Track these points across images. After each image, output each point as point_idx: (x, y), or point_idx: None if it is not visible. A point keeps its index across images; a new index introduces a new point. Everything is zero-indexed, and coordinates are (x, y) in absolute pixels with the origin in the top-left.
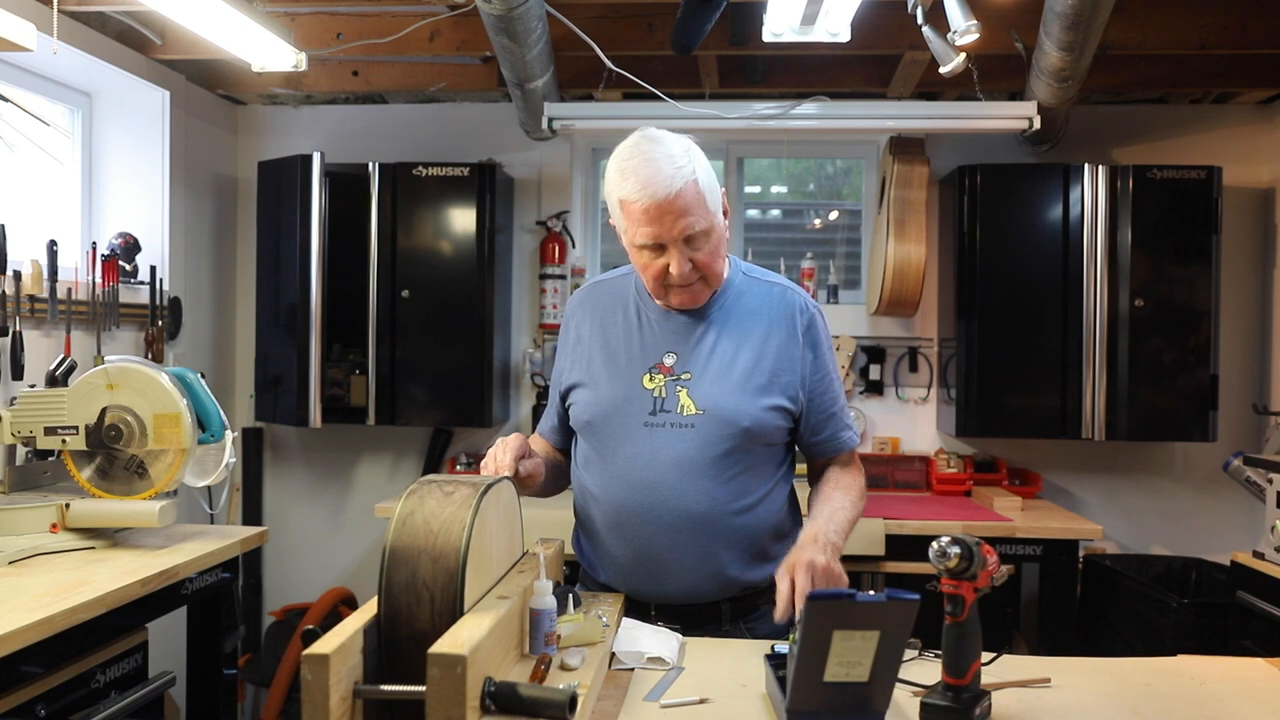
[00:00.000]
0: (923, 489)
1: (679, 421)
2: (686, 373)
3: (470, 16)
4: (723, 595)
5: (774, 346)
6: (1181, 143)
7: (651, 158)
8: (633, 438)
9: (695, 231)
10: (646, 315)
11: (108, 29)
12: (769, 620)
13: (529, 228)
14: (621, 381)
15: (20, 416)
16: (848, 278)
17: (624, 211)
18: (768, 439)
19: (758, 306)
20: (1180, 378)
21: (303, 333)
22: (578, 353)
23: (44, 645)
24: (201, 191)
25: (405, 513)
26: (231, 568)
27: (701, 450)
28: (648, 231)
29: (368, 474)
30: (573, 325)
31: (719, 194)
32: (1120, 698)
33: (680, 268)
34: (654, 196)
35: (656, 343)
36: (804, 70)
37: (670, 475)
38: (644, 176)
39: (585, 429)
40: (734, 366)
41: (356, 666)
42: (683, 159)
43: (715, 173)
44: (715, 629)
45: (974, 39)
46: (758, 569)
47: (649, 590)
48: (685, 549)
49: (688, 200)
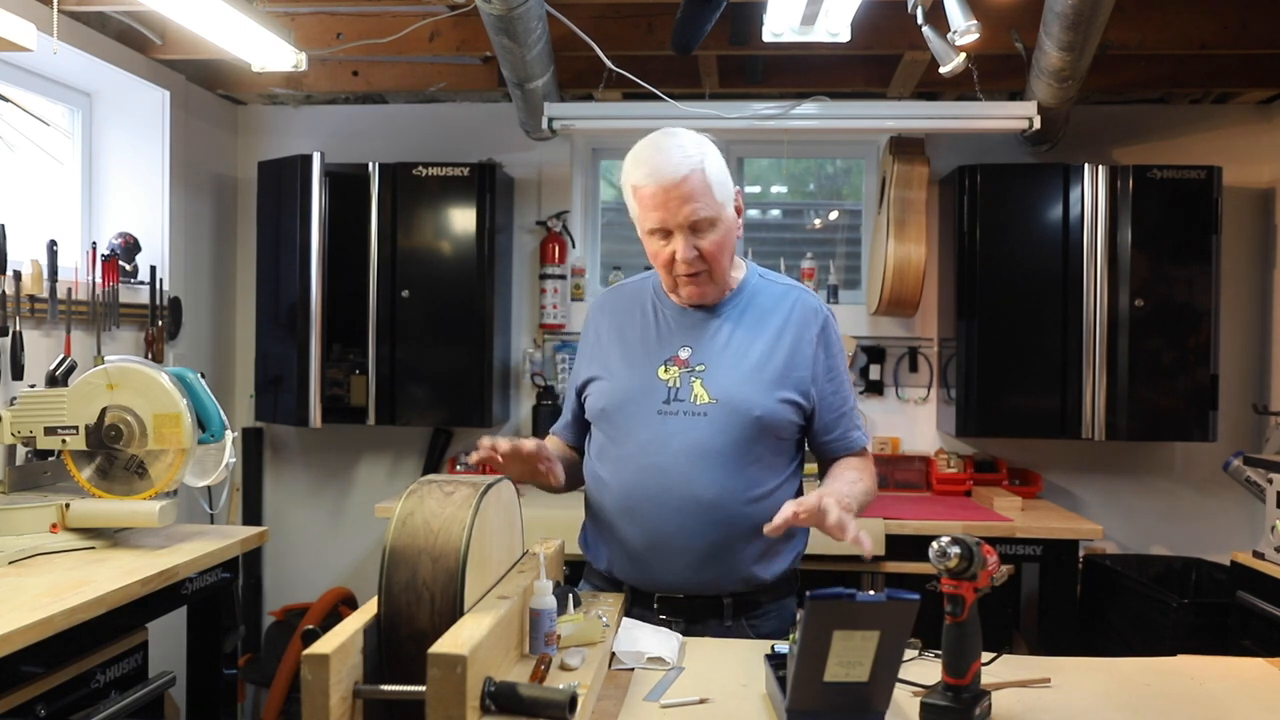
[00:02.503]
0: (923, 489)
1: (692, 410)
2: (701, 365)
3: (470, 16)
4: (727, 588)
5: (787, 343)
6: (1181, 143)
7: (663, 147)
8: (646, 425)
9: (700, 218)
10: (663, 312)
11: (108, 29)
12: (772, 618)
13: (529, 228)
14: (637, 372)
15: (20, 416)
16: (848, 278)
17: (635, 198)
18: (779, 431)
19: (772, 305)
20: (1180, 378)
21: (303, 333)
22: (596, 350)
23: (44, 645)
24: (201, 191)
25: (405, 513)
26: (231, 568)
27: (713, 438)
28: (655, 216)
29: (368, 474)
30: (592, 327)
31: (730, 189)
32: (1120, 698)
33: (685, 253)
34: (660, 181)
35: (672, 337)
36: (804, 70)
37: (681, 462)
38: (654, 164)
39: (600, 417)
40: (747, 359)
41: (356, 666)
42: (693, 149)
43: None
44: (717, 624)
45: (974, 39)
46: (762, 565)
47: (654, 579)
48: (693, 535)
49: (693, 186)
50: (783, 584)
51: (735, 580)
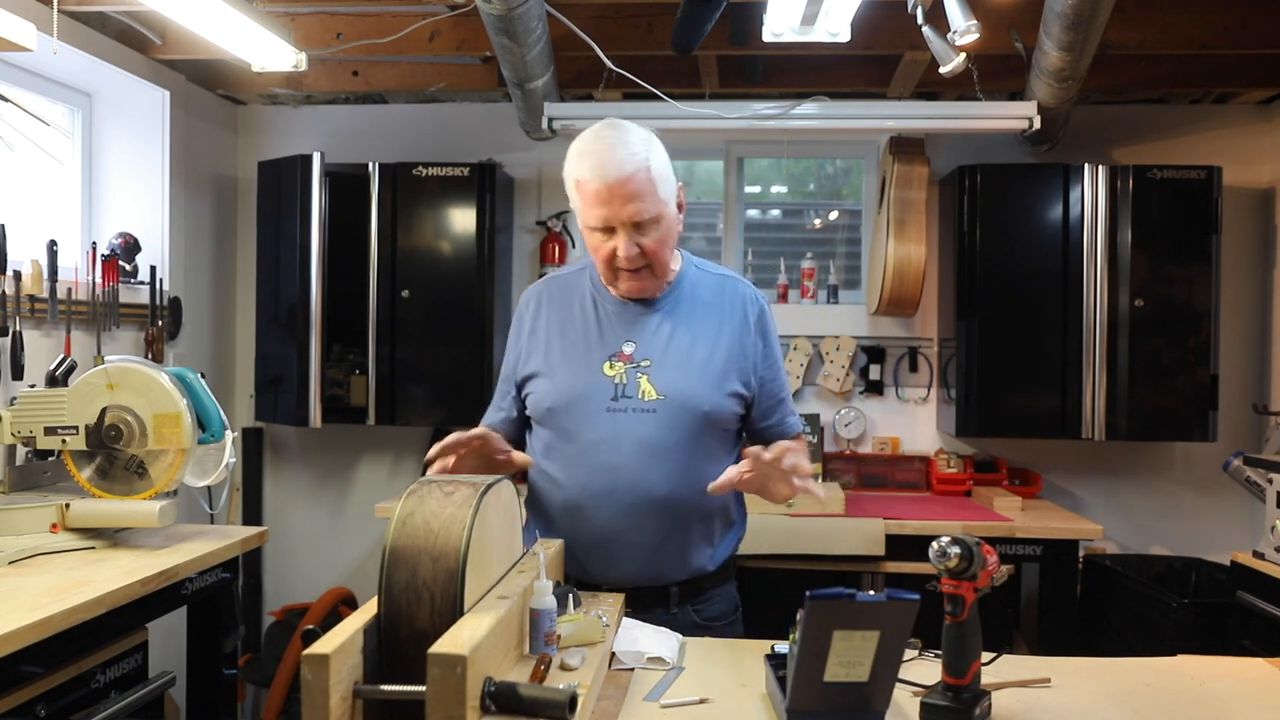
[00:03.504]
0: (923, 489)
1: (640, 407)
2: (646, 360)
3: (470, 16)
4: (674, 577)
5: (727, 335)
6: (1181, 143)
7: (609, 142)
8: (596, 423)
9: (644, 218)
10: (603, 306)
11: (108, 29)
12: (716, 602)
13: (529, 228)
14: (582, 369)
15: (20, 416)
16: (848, 278)
17: (579, 192)
18: (725, 424)
19: (710, 298)
20: (1180, 378)
21: (303, 333)
22: (533, 343)
23: (44, 645)
24: (201, 191)
25: (405, 513)
26: (231, 568)
27: (663, 434)
28: (598, 214)
29: (368, 474)
30: (527, 318)
31: (673, 186)
32: (1120, 698)
33: (627, 250)
34: (605, 179)
35: (615, 332)
36: (804, 70)
37: (633, 459)
38: (599, 159)
39: (546, 416)
40: (692, 354)
41: (356, 666)
42: (639, 146)
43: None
44: (663, 612)
45: (974, 39)
46: (708, 553)
47: (603, 573)
48: (644, 530)
49: (639, 185)
50: (725, 570)
51: (682, 570)
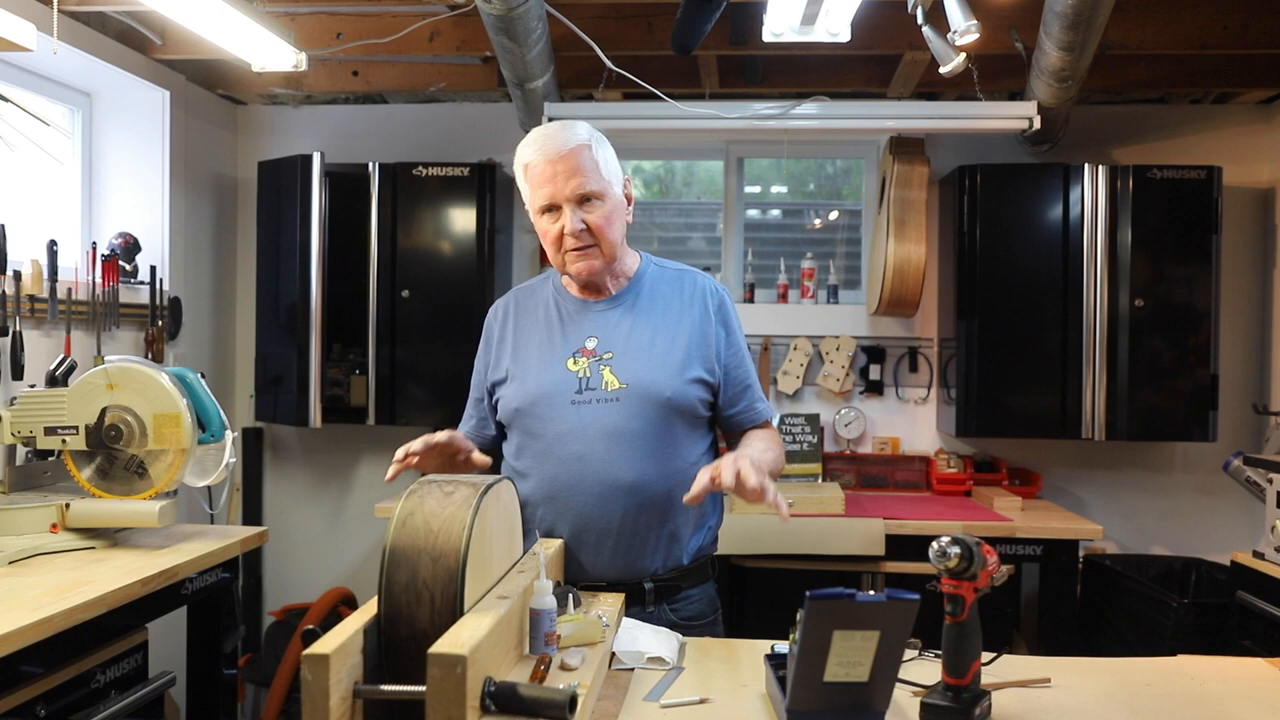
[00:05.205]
0: (923, 489)
1: (604, 397)
2: (608, 353)
3: (470, 16)
4: (648, 570)
5: (688, 325)
6: (1181, 143)
7: (553, 129)
8: (562, 416)
9: (587, 191)
10: (565, 309)
11: (108, 29)
12: (694, 602)
13: (529, 228)
14: (546, 367)
15: (20, 416)
16: (848, 278)
17: (526, 177)
18: (690, 410)
19: (670, 292)
20: (1180, 378)
21: (303, 333)
22: (501, 350)
23: (44, 645)
24: (201, 191)
25: (405, 513)
26: (231, 568)
27: (628, 421)
28: (544, 192)
29: (368, 474)
30: (495, 328)
31: (619, 174)
32: (1120, 698)
33: (572, 225)
34: (547, 155)
35: (577, 329)
36: (804, 70)
37: (599, 447)
38: (543, 143)
39: (515, 416)
40: (654, 345)
41: (356, 666)
42: (583, 132)
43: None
44: (639, 610)
45: (974, 39)
46: (679, 543)
47: (577, 567)
48: (614, 518)
49: (581, 161)
50: (702, 570)
51: (657, 560)
